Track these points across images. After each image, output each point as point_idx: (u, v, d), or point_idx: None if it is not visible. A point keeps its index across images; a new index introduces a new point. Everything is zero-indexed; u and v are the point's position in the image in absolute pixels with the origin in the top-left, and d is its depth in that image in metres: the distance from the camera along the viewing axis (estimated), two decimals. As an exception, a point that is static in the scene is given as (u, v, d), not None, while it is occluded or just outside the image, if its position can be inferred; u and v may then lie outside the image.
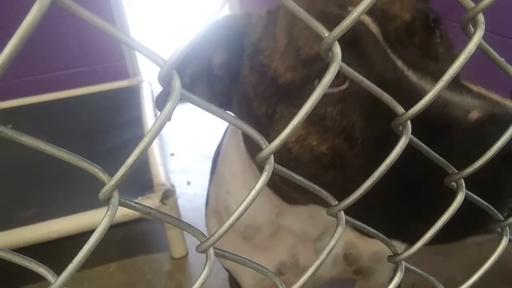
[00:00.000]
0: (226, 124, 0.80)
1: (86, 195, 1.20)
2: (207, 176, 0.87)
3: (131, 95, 2.41)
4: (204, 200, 0.89)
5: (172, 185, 1.55)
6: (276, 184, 0.61)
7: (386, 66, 0.45)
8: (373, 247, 0.76)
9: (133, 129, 1.98)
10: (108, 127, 2.04)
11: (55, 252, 1.17)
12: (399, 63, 0.45)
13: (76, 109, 2.33)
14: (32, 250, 1.37)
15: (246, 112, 0.55)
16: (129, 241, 1.68)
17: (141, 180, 1.53)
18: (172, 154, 2.30)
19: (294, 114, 0.29)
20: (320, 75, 0.46)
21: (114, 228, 0.88)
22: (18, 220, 1.43)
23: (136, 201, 0.28)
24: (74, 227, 1.41)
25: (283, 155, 0.50)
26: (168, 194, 1.49)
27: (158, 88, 0.37)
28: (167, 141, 2.41)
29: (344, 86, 0.46)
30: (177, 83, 0.24)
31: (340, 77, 0.46)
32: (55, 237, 1.40)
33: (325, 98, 0.30)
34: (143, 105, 2.24)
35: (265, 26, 0.53)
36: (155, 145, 1.76)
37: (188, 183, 2.00)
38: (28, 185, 1.67)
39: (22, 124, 1.96)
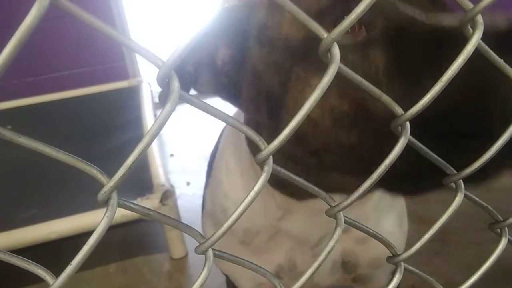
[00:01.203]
0: (225, 125, 0.80)
1: (86, 195, 1.20)
2: (207, 177, 0.87)
3: (131, 96, 2.40)
4: (203, 201, 0.88)
5: (172, 186, 1.54)
6: (283, 182, 0.60)
7: (398, 12, 0.45)
8: (372, 253, 0.75)
9: (133, 130, 1.97)
10: (107, 128, 2.03)
11: (54, 252, 1.17)
12: (409, 9, 0.45)
13: (75, 109, 2.32)
14: (31, 250, 1.37)
15: (256, 92, 0.54)
16: (128, 242, 1.68)
17: (140, 180, 1.52)
18: (171, 155, 2.29)
19: (311, 72, 0.28)
20: (335, 24, 0.46)
21: (114, 229, 0.88)
22: (18, 221, 1.43)
23: (136, 202, 0.28)
24: (74, 228, 1.40)
25: (301, 128, 0.49)
26: (168, 195, 1.48)
27: (157, 89, 0.37)
28: (167, 141, 2.40)
29: (362, 36, 0.45)
30: (176, 84, 0.24)
31: (355, 28, 0.45)
32: (55, 237, 1.40)
33: (345, 48, 0.30)
34: (142, 105, 2.24)
35: (269, 7, 0.53)
36: (154, 145, 1.76)
37: (188, 183, 2.00)
38: (28, 185, 1.67)
39: (21, 125, 1.95)
